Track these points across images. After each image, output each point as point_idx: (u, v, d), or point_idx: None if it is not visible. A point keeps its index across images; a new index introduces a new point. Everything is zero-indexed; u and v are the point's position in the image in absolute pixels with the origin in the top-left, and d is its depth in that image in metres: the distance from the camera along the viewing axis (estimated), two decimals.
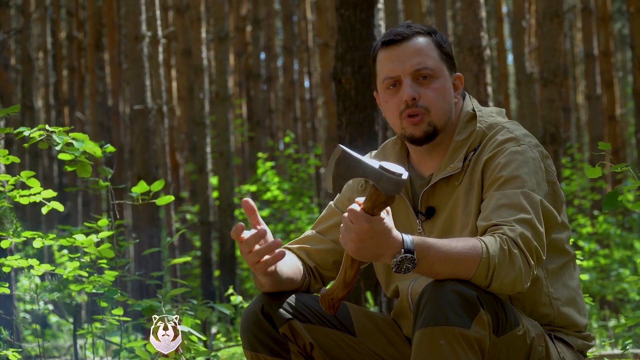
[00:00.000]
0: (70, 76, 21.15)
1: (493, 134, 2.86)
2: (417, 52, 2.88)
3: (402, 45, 2.89)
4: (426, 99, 2.86)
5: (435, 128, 2.88)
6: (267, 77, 22.91)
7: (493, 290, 2.60)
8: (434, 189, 2.91)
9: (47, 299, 4.79)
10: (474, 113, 2.94)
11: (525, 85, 13.17)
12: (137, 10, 10.38)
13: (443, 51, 2.91)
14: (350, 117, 6.02)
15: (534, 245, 2.64)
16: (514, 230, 2.64)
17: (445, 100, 2.88)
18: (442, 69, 2.89)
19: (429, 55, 2.88)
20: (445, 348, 2.51)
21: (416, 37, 2.89)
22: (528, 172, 2.76)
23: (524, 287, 2.63)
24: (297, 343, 2.86)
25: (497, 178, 2.77)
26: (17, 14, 21.86)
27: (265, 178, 14.94)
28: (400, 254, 2.54)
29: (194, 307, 4.35)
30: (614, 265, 13.02)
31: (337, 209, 3.07)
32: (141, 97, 10.22)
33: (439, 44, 2.90)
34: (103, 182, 4.45)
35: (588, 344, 2.94)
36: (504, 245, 2.60)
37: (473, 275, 2.57)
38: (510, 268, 2.59)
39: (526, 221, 2.66)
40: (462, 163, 2.86)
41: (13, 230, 4.25)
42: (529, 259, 2.63)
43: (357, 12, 6.04)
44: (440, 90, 2.88)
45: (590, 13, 17.88)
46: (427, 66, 2.87)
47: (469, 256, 2.57)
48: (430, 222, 2.91)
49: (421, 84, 2.87)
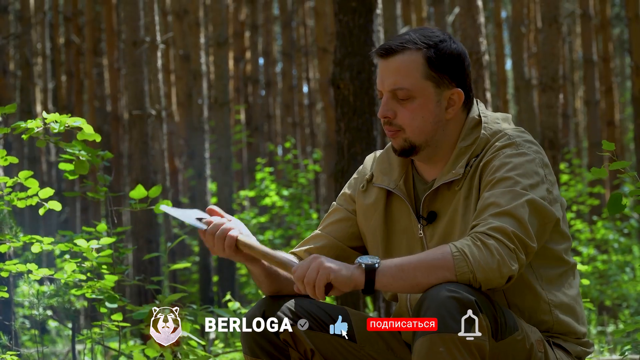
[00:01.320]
0: (69, 81, 21.16)
1: (494, 141, 2.86)
2: (396, 71, 2.85)
3: (387, 61, 2.87)
4: (401, 118, 2.86)
5: (413, 144, 2.88)
6: (265, 82, 22.92)
7: (484, 284, 2.60)
8: (436, 194, 2.91)
9: (46, 304, 4.79)
10: (480, 119, 2.93)
11: (524, 91, 13.19)
12: (135, 16, 10.38)
13: (433, 67, 2.85)
14: (349, 122, 6.02)
15: (510, 230, 2.63)
16: (485, 225, 2.65)
17: (425, 120, 2.86)
18: (423, 88, 2.84)
19: (409, 75, 2.84)
20: (445, 354, 2.52)
21: (402, 53, 2.85)
22: (522, 174, 2.75)
23: (511, 270, 2.61)
24: (298, 349, 2.86)
25: (490, 180, 2.77)
26: (15, 19, 21.86)
27: (264, 184, 14.94)
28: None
29: (194, 312, 4.35)
30: (612, 271, 13.02)
31: (340, 206, 3.08)
32: (140, 102, 10.22)
33: (430, 60, 2.84)
34: (101, 188, 4.45)
35: (587, 351, 2.94)
36: (475, 241, 2.62)
37: (455, 274, 2.58)
38: (489, 256, 2.59)
39: (504, 212, 2.66)
40: (464, 169, 2.86)
41: (13, 234, 4.24)
42: (507, 243, 2.61)
43: (356, 18, 6.05)
44: (417, 111, 2.85)
45: (589, 19, 17.90)
46: (402, 87, 2.84)
47: (440, 258, 2.60)
48: (432, 227, 2.91)
49: (400, 102, 2.86)
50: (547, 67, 9.54)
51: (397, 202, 2.99)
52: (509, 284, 2.64)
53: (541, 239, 2.75)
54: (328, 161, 16.02)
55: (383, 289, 2.65)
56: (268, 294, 2.92)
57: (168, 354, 3.86)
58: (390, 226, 2.99)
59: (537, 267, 2.85)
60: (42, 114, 3.94)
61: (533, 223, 2.69)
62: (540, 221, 2.72)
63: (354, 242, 3.06)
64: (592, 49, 17.92)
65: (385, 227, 2.99)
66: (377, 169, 3.03)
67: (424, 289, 2.61)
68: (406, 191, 2.96)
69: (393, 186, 2.97)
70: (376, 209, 3.00)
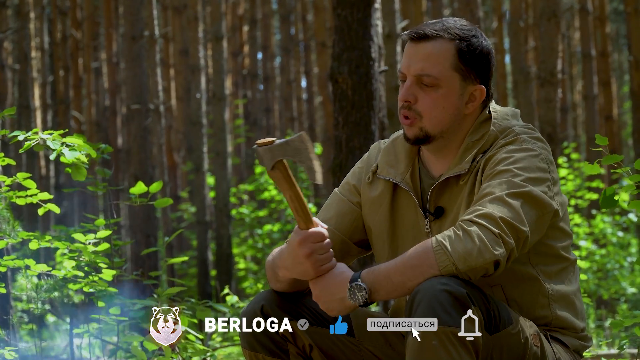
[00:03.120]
0: (67, 76, 21.14)
1: (502, 137, 2.84)
2: (426, 57, 2.83)
3: (418, 46, 2.85)
4: (421, 104, 2.84)
5: (427, 134, 2.86)
6: (264, 76, 22.90)
7: (470, 273, 2.57)
8: (444, 189, 2.89)
9: (44, 298, 4.79)
10: (489, 115, 2.91)
11: (523, 85, 13.17)
12: (134, 10, 10.37)
13: (463, 61, 2.84)
14: (347, 116, 6.01)
15: (497, 215, 2.60)
16: (472, 212, 2.63)
17: (445, 110, 2.84)
18: (450, 78, 2.83)
19: (438, 63, 2.82)
20: (438, 348, 2.51)
21: (435, 40, 2.83)
22: (522, 167, 2.73)
23: (495, 255, 2.57)
24: (297, 344, 2.86)
25: (489, 173, 2.76)
26: (13, 13, 21.84)
27: (263, 178, 14.94)
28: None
29: (192, 306, 4.35)
30: (610, 266, 13.03)
31: (344, 197, 3.05)
32: (138, 96, 10.22)
33: (461, 53, 2.83)
34: (100, 182, 4.45)
35: (585, 345, 2.94)
36: (457, 230, 2.60)
37: (438, 268, 2.57)
38: (468, 243, 2.56)
39: (495, 198, 2.65)
40: (470, 164, 2.84)
41: (10, 229, 4.24)
42: (491, 228, 2.58)
43: (354, 12, 6.03)
44: (439, 100, 2.84)
45: (587, 13, 17.89)
46: (429, 74, 2.82)
47: (422, 256, 2.59)
48: (439, 222, 2.89)
49: (422, 88, 2.84)
50: (546, 61, 9.54)
51: (403, 196, 2.96)
52: (498, 270, 2.60)
53: (539, 230, 2.73)
54: (326, 155, 16.02)
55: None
56: (277, 289, 2.90)
57: (167, 347, 3.86)
58: (396, 221, 2.97)
59: (537, 263, 2.84)
60: (40, 134, 3.93)
61: (528, 212, 2.66)
62: (538, 211, 2.69)
63: (357, 236, 3.03)
64: (591, 44, 17.91)
65: (391, 221, 2.97)
66: (382, 160, 3.00)
67: (408, 287, 2.61)
68: (412, 185, 2.94)
69: (399, 179, 2.94)
70: (382, 203, 2.98)
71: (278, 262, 2.80)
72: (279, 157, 2.68)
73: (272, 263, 2.86)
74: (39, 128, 3.98)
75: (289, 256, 2.72)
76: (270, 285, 2.90)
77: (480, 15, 7.55)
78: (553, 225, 2.82)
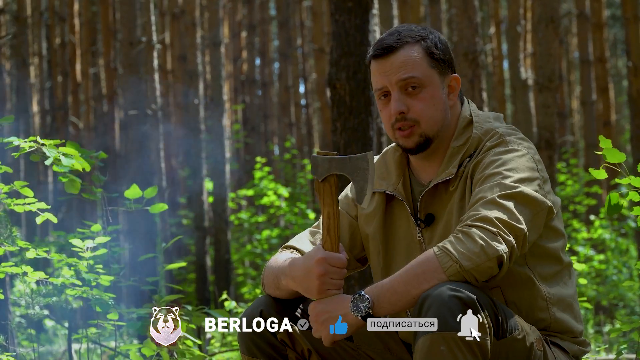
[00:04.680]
0: (65, 81, 21.14)
1: (486, 140, 2.87)
2: (403, 64, 2.87)
3: (390, 58, 2.88)
4: (415, 111, 2.87)
5: (428, 137, 2.88)
6: (262, 82, 22.91)
7: (476, 272, 2.58)
8: (433, 196, 2.91)
9: (43, 303, 4.78)
10: (471, 118, 2.94)
11: (520, 91, 13.18)
12: (132, 16, 10.38)
13: (434, 57, 2.89)
14: (345, 122, 6.02)
15: (492, 216, 2.62)
16: (468, 217, 2.65)
17: (437, 108, 2.88)
18: (431, 76, 2.89)
19: (417, 64, 2.87)
20: (446, 353, 2.52)
21: (403, 48, 2.88)
22: (511, 169, 2.75)
23: (498, 251, 2.58)
24: (295, 349, 2.86)
25: (479, 178, 2.78)
26: (12, 19, 21.85)
27: (262, 184, 14.94)
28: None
29: (190, 312, 4.34)
30: (609, 271, 13.02)
31: (343, 211, 3.07)
32: (136, 102, 10.22)
33: (428, 51, 2.89)
34: (96, 189, 4.45)
35: (583, 350, 2.94)
36: (456, 234, 2.61)
37: (443, 271, 2.58)
38: (470, 242, 2.58)
39: (488, 201, 2.66)
40: (457, 169, 2.86)
41: (8, 235, 4.24)
42: (489, 228, 2.60)
43: (352, 18, 6.04)
44: (428, 100, 2.87)
45: (585, 19, 17.91)
46: (413, 75, 2.86)
47: (426, 264, 2.59)
48: (430, 230, 2.91)
49: (410, 95, 2.87)
50: (544, 67, 9.56)
51: (397, 207, 2.99)
52: (502, 269, 2.61)
53: (536, 228, 2.74)
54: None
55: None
56: (272, 295, 2.90)
57: (165, 353, 3.85)
58: (390, 231, 2.99)
59: (534, 265, 2.85)
60: (37, 139, 3.93)
61: (523, 211, 2.67)
62: (532, 210, 2.71)
63: (357, 251, 3.07)
64: (589, 49, 17.92)
65: (385, 231, 2.99)
66: (375, 175, 3.03)
67: (413, 296, 2.61)
68: (404, 194, 2.96)
69: (392, 189, 2.97)
70: (376, 214, 3.00)
71: (287, 270, 2.81)
72: (335, 170, 2.70)
73: (276, 269, 2.87)
74: (36, 136, 3.97)
75: (302, 268, 2.73)
76: (265, 290, 2.90)
77: (478, 20, 7.56)
78: (546, 224, 2.83)
